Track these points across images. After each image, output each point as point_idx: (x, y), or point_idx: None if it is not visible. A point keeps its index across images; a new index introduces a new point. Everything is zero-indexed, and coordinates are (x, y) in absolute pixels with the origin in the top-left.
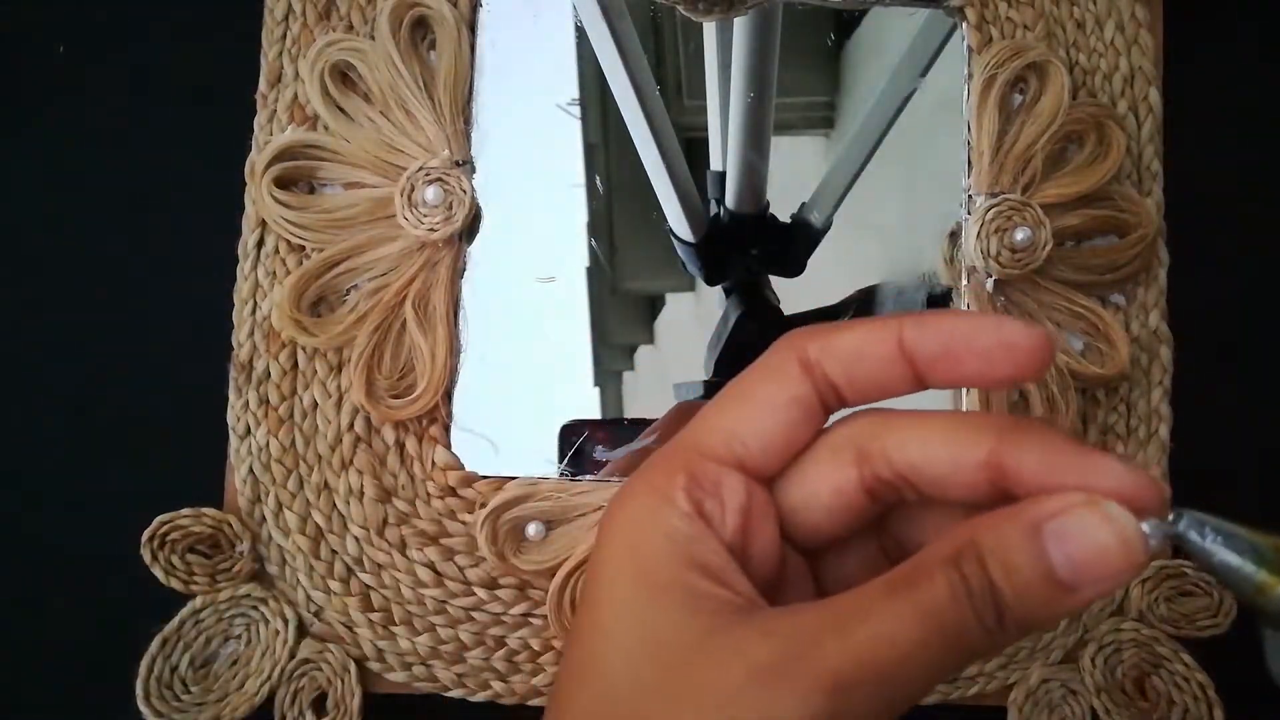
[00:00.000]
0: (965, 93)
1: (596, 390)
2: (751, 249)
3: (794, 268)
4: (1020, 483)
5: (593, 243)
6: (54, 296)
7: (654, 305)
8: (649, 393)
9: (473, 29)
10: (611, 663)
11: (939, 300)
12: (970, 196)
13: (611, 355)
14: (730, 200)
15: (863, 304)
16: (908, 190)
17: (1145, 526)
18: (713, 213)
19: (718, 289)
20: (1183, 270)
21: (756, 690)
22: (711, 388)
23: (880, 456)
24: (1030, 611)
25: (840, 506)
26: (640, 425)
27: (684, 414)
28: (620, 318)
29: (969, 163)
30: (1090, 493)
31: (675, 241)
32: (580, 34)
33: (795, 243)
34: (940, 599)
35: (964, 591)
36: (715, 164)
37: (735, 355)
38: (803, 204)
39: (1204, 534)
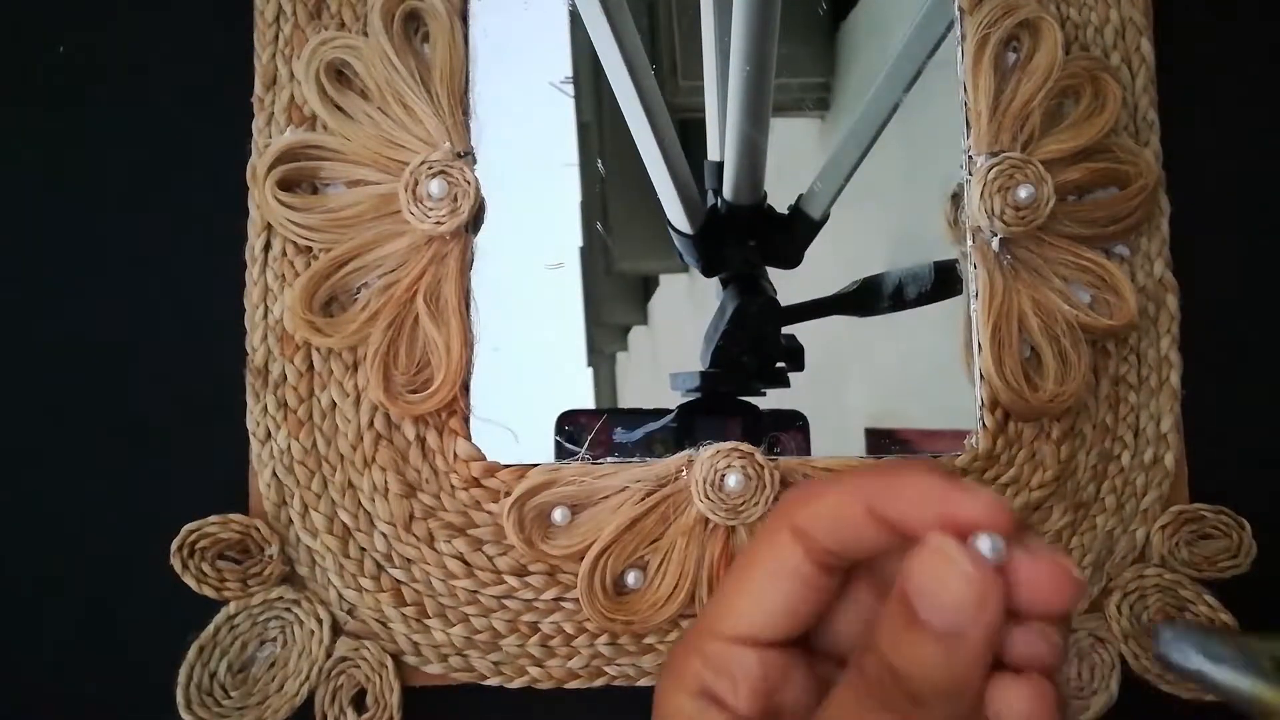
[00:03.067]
0: (959, 54)
1: (590, 370)
2: (749, 240)
3: (791, 259)
4: (904, 531)
5: (599, 226)
6: (58, 309)
7: (647, 286)
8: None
9: (465, 19)
10: None
11: (947, 269)
12: (970, 157)
13: (605, 335)
14: (728, 189)
15: (865, 293)
16: (906, 166)
17: (986, 547)
18: (710, 204)
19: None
20: (1185, 218)
21: None
22: (708, 379)
23: (811, 532)
24: (930, 673)
25: (804, 589)
26: (639, 414)
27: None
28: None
29: (967, 123)
30: (939, 532)
31: (673, 233)
32: (574, 18)
33: (793, 234)
34: (850, 708)
35: (866, 689)
36: (713, 153)
37: (732, 346)
38: (800, 195)
39: (1186, 653)
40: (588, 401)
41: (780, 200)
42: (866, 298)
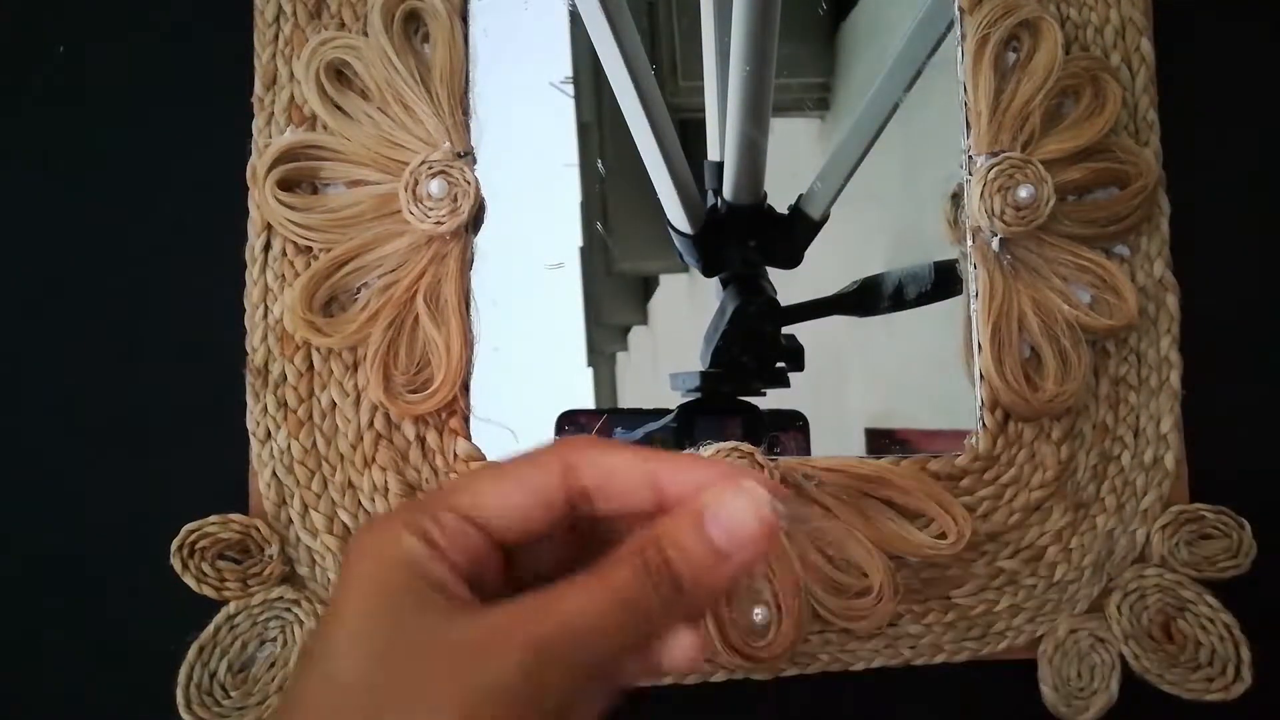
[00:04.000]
0: (959, 54)
1: (590, 370)
2: (749, 240)
3: (791, 259)
4: (672, 495)
5: (599, 226)
6: (58, 309)
7: (647, 286)
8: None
9: (465, 19)
10: (351, 658)
11: (947, 269)
12: (970, 157)
13: (605, 335)
14: (728, 189)
15: (865, 293)
16: (906, 166)
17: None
18: (710, 204)
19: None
20: (1185, 218)
21: (470, 660)
22: (708, 379)
23: (580, 469)
24: (699, 577)
25: (542, 505)
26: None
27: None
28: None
29: (967, 123)
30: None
31: (673, 233)
32: (574, 18)
33: (793, 234)
34: (625, 578)
35: (643, 570)
36: (713, 153)
37: (732, 346)
38: (800, 195)
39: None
40: (588, 401)
41: (780, 200)
42: (866, 298)
